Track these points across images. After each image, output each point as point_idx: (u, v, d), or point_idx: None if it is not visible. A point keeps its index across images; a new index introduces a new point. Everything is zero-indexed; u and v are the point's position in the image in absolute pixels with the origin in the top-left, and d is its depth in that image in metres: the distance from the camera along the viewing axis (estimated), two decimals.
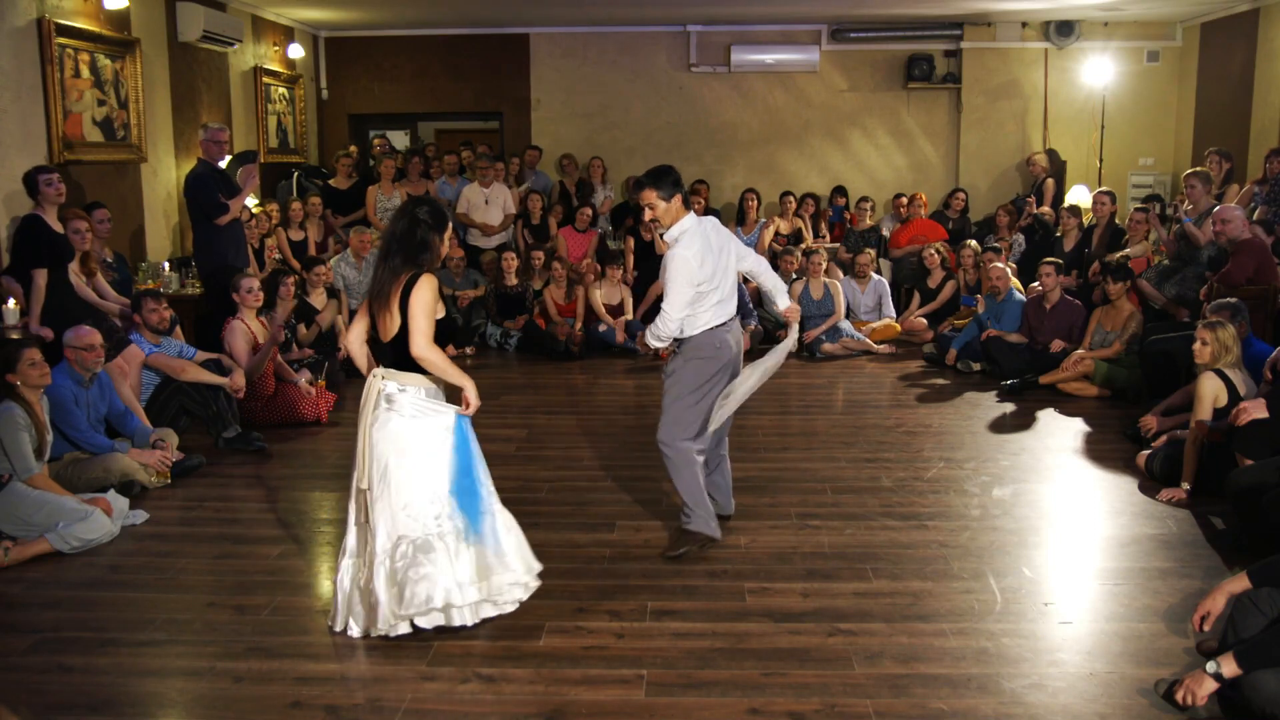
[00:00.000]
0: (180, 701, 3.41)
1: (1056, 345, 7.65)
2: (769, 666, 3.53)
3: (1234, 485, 4.47)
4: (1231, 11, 10.20)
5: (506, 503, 5.20)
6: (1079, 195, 10.59)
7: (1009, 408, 7.14)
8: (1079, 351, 7.44)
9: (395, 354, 3.73)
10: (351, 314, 8.72)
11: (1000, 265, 8.48)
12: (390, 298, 3.65)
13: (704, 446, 4.53)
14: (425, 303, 3.63)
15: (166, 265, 8.10)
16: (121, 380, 5.80)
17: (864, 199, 10.83)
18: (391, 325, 3.68)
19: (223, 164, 7.71)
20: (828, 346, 8.94)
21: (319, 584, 4.39)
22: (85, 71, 7.48)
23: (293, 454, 6.20)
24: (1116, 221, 9.05)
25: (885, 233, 10.69)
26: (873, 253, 9.95)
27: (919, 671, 3.49)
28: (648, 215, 4.49)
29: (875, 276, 9.70)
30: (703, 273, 4.33)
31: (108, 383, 5.57)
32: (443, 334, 4.17)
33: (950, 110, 11.84)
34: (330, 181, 10.26)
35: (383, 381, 3.73)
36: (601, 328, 9.12)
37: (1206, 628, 3.39)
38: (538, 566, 3.93)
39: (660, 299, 4.45)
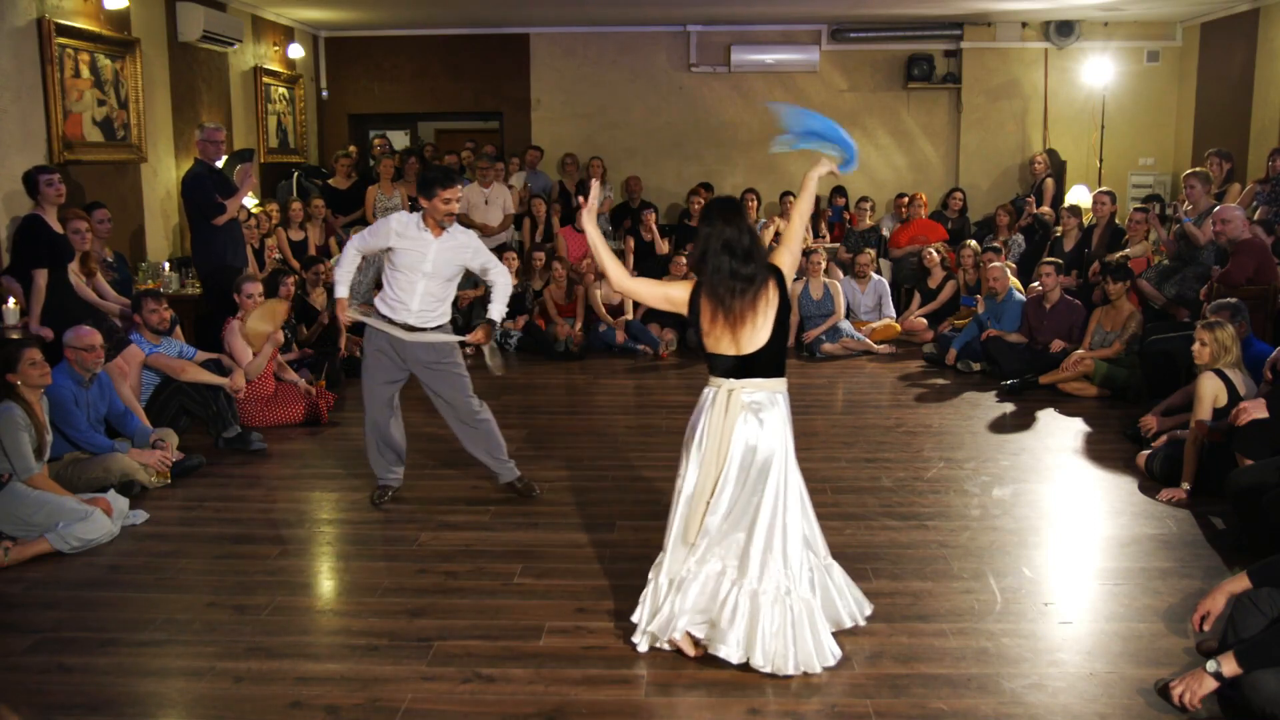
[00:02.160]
0: (180, 702, 3.41)
1: (1056, 345, 7.65)
2: None
3: (1234, 485, 4.47)
4: (1231, 11, 10.20)
5: (505, 502, 5.25)
6: (1079, 195, 10.59)
7: (1009, 408, 7.14)
8: (1079, 351, 7.44)
9: (761, 364, 3.47)
10: None
11: (999, 265, 8.48)
12: (758, 309, 3.41)
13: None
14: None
15: (166, 265, 8.10)
16: (121, 380, 5.80)
17: (864, 199, 10.82)
18: (757, 336, 3.44)
19: (220, 164, 7.71)
20: (828, 346, 8.94)
21: (319, 584, 4.40)
22: (85, 71, 7.48)
23: (293, 454, 6.20)
24: (1116, 221, 9.05)
25: (885, 233, 10.69)
26: (873, 253, 9.95)
27: (919, 671, 3.49)
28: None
29: (875, 276, 9.70)
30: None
31: (108, 383, 5.57)
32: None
33: (950, 110, 11.84)
34: (330, 181, 10.26)
35: (757, 395, 3.46)
36: (601, 328, 9.12)
37: (1206, 627, 3.39)
38: None
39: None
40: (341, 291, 5.10)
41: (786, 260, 3.57)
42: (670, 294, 3.60)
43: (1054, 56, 11.48)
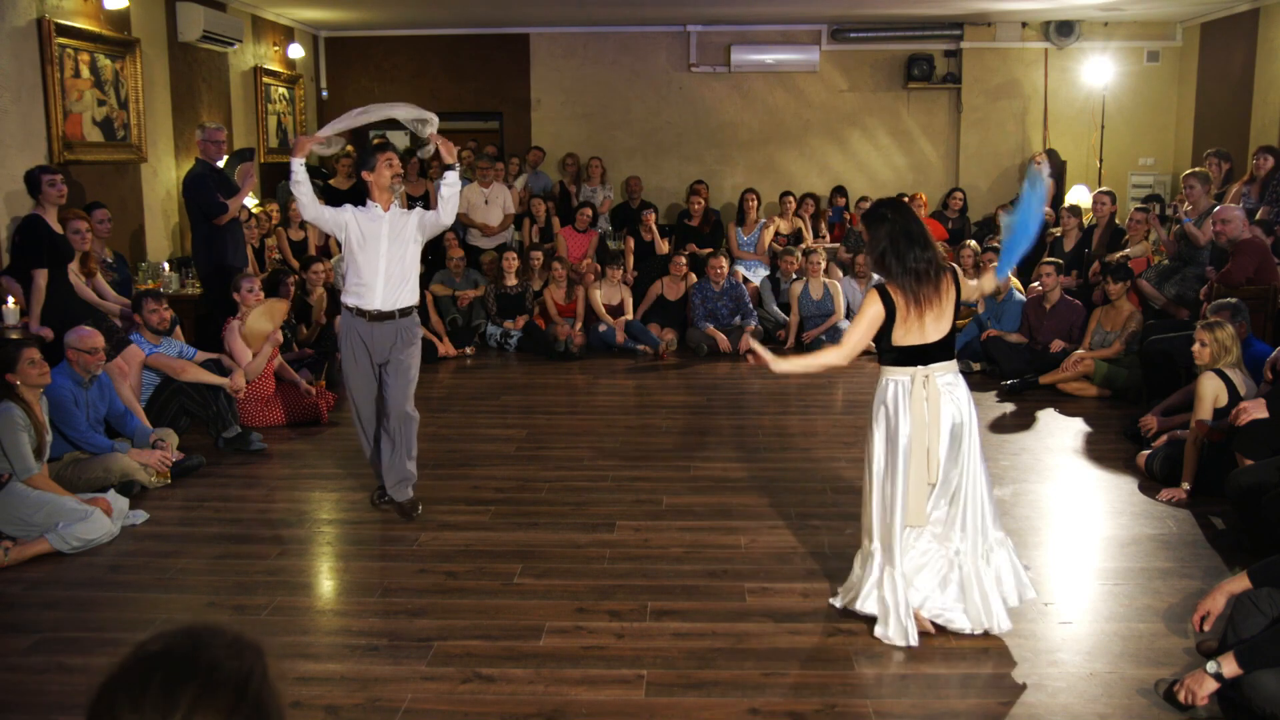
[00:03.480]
0: None
1: (1056, 345, 7.65)
2: (769, 666, 3.52)
3: (1234, 485, 4.47)
4: (1231, 11, 10.20)
5: (505, 502, 5.25)
6: (1079, 195, 10.59)
7: (1009, 408, 7.14)
8: (1079, 351, 7.44)
9: (944, 347, 3.69)
10: None
11: None
12: (943, 296, 3.64)
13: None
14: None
15: (166, 265, 8.10)
16: (121, 380, 5.80)
17: (863, 199, 10.83)
18: (942, 323, 3.66)
19: (220, 163, 7.71)
20: (828, 346, 8.92)
21: (319, 584, 4.40)
22: (85, 71, 7.48)
23: (293, 454, 6.20)
24: (1116, 221, 9.05)
25: None
26: None
27: (919, 671, 3.49)
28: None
29: (875, 276, 9.69)
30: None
31: (108, 383, 5.57)
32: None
33: (950, 110, 11.84)
34: (330, 182, 10.25)
35: (946, 376, 3.68)
36: (601, 328, 9.12)
37: (1207, 627, 3.39)
38: None
39: (660, 298, 4.42)
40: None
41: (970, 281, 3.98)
42: (871, 322, 3.70)
43: (1054, 56, 11.48)
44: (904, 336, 3.66)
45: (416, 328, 5.09)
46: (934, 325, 3.66)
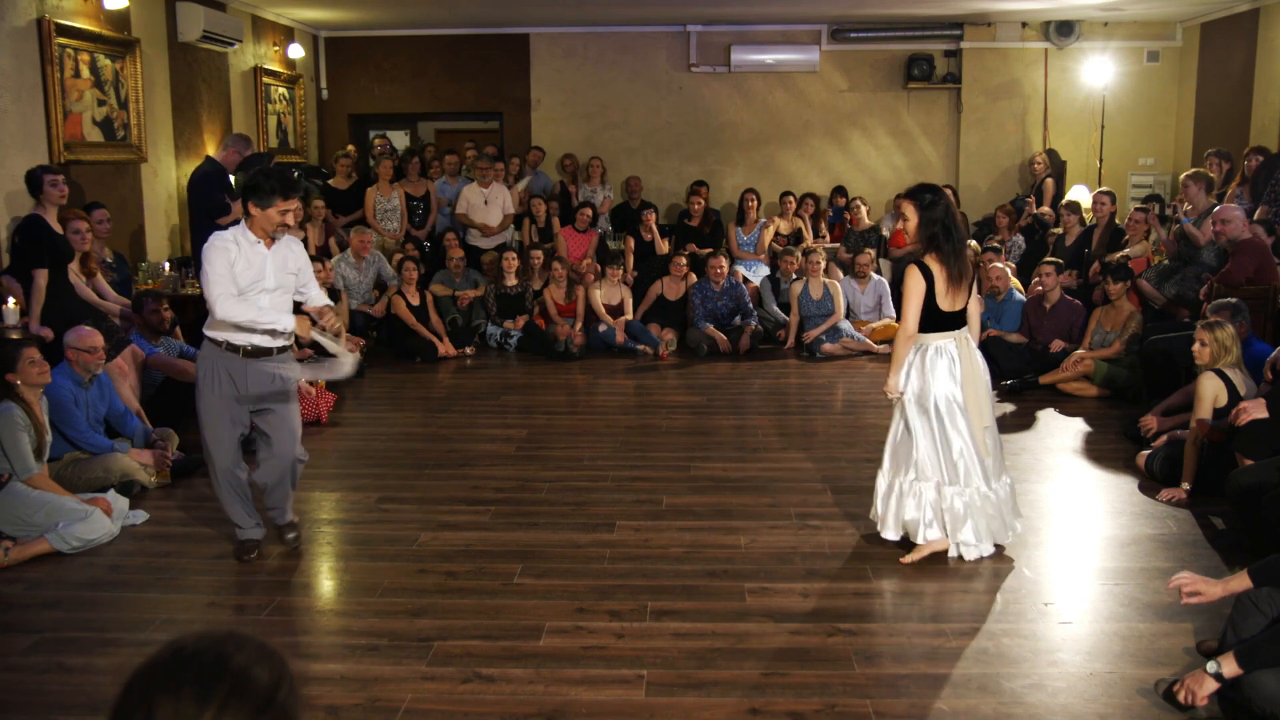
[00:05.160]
0: None
1: (1056, 345, 7.65)
2: (769, 666, 3.52)
3: (1234, 485, 4.47)
4: (1231, 11, 10.20)
5: (505, 502, 5.25)
6: (1079, 195, 10.58)
7: (1009, 408, 7.13)
8: (1079, 351, 7.44)
9: (963, 317, 4.36)
10: (351, 313, 8.73)
11: (1000, 265, 8.48)
12: (970, 271, 4.32)
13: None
14: None
15: (166, 265, 8.10)
16: (121, 380, 5.80)
17: (857, 198, 10.83)
18: (964, 294, 4.32)
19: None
20: (828, 346, 8.94)
21: (319, 584, 4.39)
22: (85, 71, 7.48)
23: None
24: (1116, 221, 9.05)
25: (885, 233, 10.69)
26: (872, 253, 9.95)
27: (919, 671, 3.49)
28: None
29: (875, 276, 9.70)
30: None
31: (107, 383, 5.57)
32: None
33: (950, 110, 11.84)
34: (330, 182, 10.27)
35: (963, 335, 4.35)
36: (601, 328, 9.12)
37: (1184, 599, 3.37)
38: None
39: (660, 298, 4.50)
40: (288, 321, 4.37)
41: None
42: (919, 295, 4.26)
43: (1054, 56, 11.48)
44: (945, 304, 4.27)
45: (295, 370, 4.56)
46: (962, 296, 4.31)
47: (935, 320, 4.28)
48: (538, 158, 11.40)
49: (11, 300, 6.06)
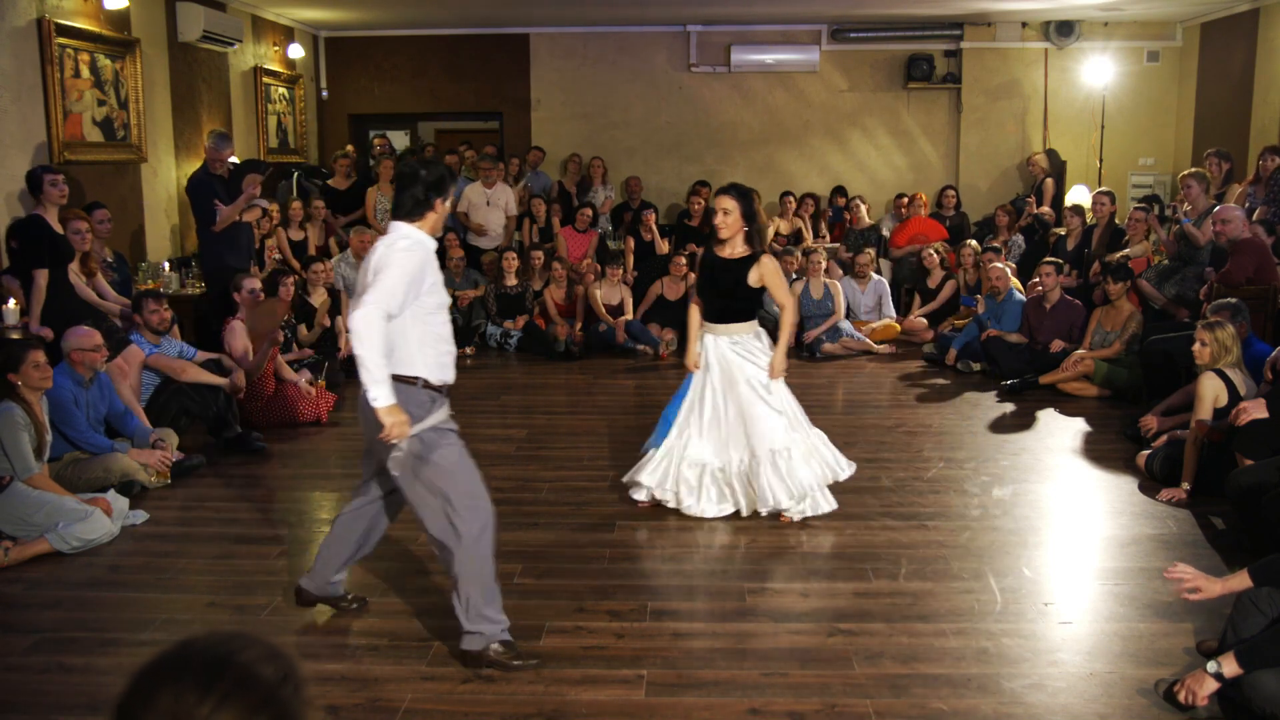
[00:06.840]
0: None
1: (1056, 345, 7.65)
2: (769, 666, 3.53)
3: (1234, 485, 4.47)
4: (1231, 11, 10.20)
5: (505, 502, 5.23)
6: (1079, 195, 10.59)
7: (1009, 408, 7.13)
8: (1079, 351, 7.43)
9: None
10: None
11: (1000, 265, 8.48)
12: None
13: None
14: None
15: (166, 265, 8.10)
16: (121, 380, 5.80)
17: (856, 198, 10.82)
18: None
19: (232, 161, 7.77)
20: (828, 346, 8.94)
21: None
22: (85, 71, 7.48)
23: (293, 454, 6.20)
24: (1116, 221, 9.05)
25: (885, 233, 10.69)
26: (873, 252, 9.95)
27: (919, 671, 3.49)
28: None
29: (875, 276, 9.70)
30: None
31: (107, 383, 5.57)
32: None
33: (950, 110, 11.83)
34: (329, 182, 10.26)
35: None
36: (601, 328, 9.12)
37: (1177, 590, 3.37)
38: None
39: (660, 298, 4.48)
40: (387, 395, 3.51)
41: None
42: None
43: (1054, 56, 11.48)
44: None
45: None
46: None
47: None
48: (538, 158, 11.40)
49: (11, 300, 6.06)
